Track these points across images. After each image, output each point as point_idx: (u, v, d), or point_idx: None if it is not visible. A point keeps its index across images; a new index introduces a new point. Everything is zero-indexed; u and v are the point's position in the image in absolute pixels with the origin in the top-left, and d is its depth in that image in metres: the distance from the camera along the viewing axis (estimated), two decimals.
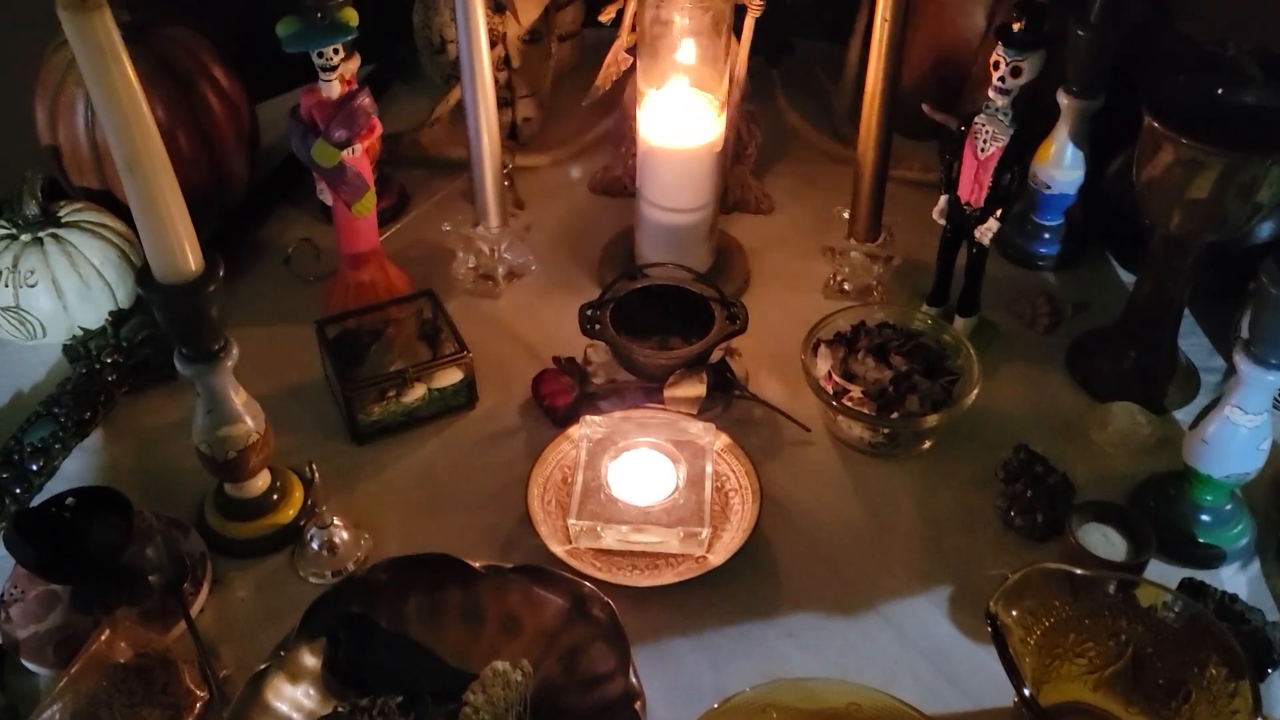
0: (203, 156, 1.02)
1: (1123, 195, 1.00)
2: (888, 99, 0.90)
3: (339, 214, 0.95)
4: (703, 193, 0.97)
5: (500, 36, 1.15)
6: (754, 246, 1.08)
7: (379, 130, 0.92)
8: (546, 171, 1.18)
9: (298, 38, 0.84)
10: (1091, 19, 0.94)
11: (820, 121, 1.22)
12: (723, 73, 0.93)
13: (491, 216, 0.99)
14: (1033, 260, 1.05)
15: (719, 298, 0.92)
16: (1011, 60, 0.82)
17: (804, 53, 1.30)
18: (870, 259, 1.00)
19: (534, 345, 0.98)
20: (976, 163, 0.87)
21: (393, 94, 1.30)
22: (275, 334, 0.98)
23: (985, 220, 0.89)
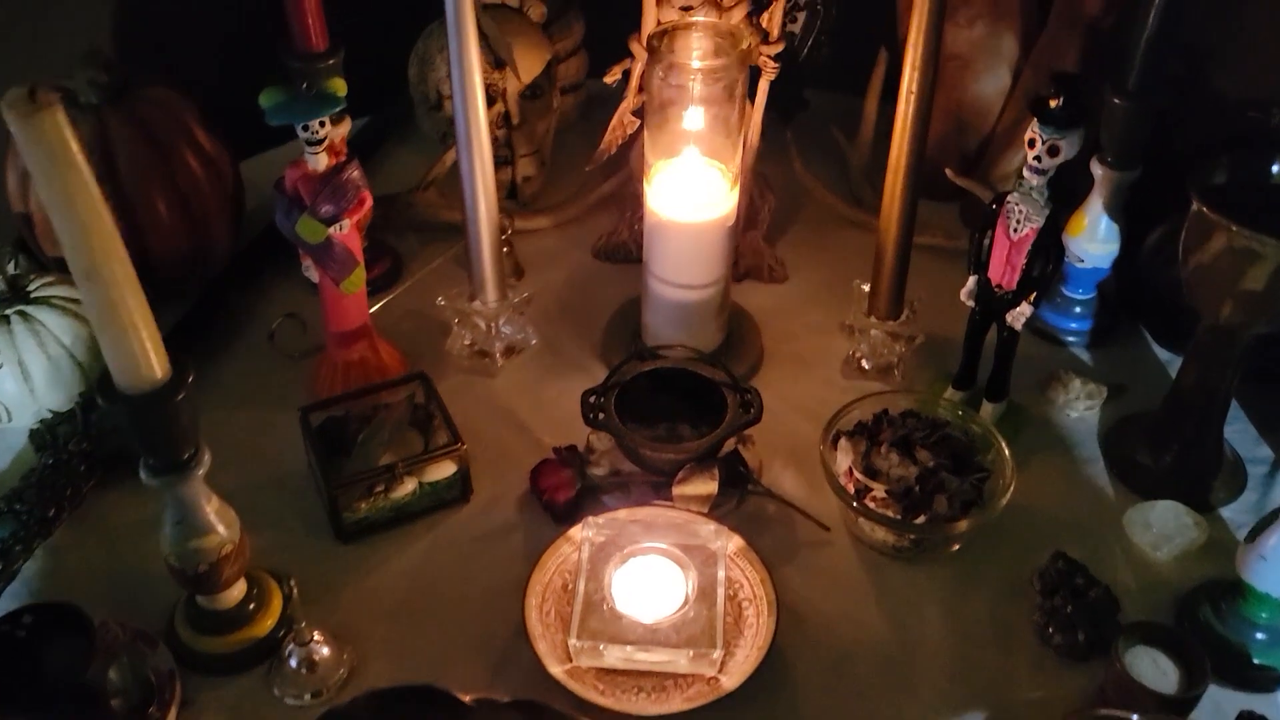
0: (182, 224, 0.97)
1: (1160, 270, 0.94)
2: (912, 175, 0.84)
3: (326, 291, 0.89)
4: (714, 269, 0.91)
5: (500, 92, 1.09)
6: (767, 320, 1.02)
7: (369, 204, 0.86)
8: (548, 235, 1.13)
9: (281, 110, 0.78)
10: (1129, 86, 0.88)
11: (835, 181, 1.17)
12: (736, 142, 0.87)
13: (489, 291, 0.93)
14: (1063, 336, 0.99)
15: (731, 382, 0.86)
16: (1048, 139, 0.76)
17: (818, 106, 1.24)
18: (892, 338, 0.94)
19: (533, 429, 0.92)
20: (1009, 244, 0.81)
21: (387, 150, 1.25)
22: (256, 417, 0.92)
23: (1018, 304, 0.83)
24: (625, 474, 0.85)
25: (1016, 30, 1.09)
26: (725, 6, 0.93)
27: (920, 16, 0.76)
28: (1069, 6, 1.00)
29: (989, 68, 1.11)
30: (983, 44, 1.10)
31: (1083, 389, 0.92)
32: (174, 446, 0.65)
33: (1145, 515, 0.83)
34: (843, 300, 0.99)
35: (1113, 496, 0.87)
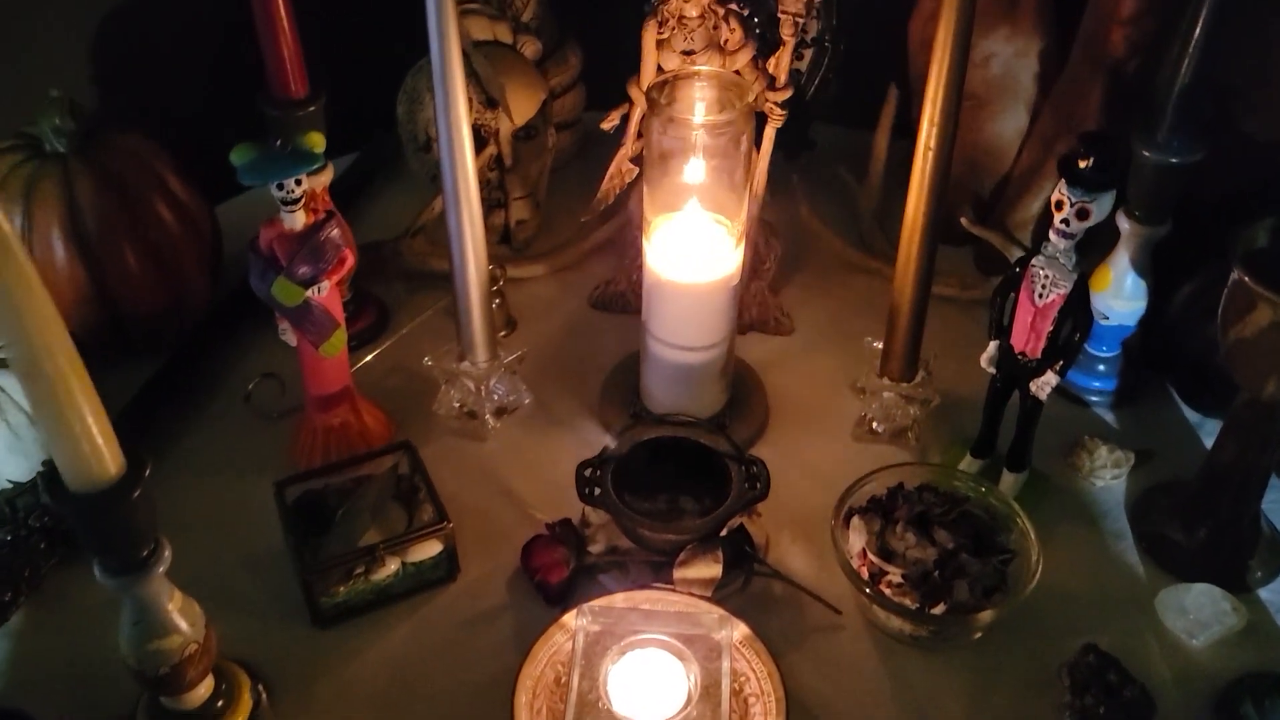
0: (154, 277, 0.91)
1: (1191, 329, 0.89)
2: (929, 234, 0.79)
3: (304, 354, 0.83)
4: (717, 330, 0.85)
5: (492, 133, 1.04)
6: (773, 375, 0.97)
7: (351, 263, 0.81)
8: (542, 282, 1.07)
9: (254, 169, 0.73)
10: (1159, 138, 0.82)
11: (843, 225, 1.11)
12: (741, 196, 0.82)
13: (478, 352, 0.88)
14: (1086, 396, 0.94)
15: (736, 454, 0.81)
16: (1078, 201, 0.71)
17: (824, 142, 1.19)
18: (906, 400, 0.88)
19: (525, 498, 0.87)
20: (1034, 310, 0.76)
21: (375, 189, 1.19)
22: (230, 485, 0.87)
23: (1043, 373, 0.78)
24: (623, 551, 0.80)
25: (1034, 69, 1.04)
26: (729, 50, 0.88)
27: (940, 71, 0.71)
28: (1091, 47, 0.95)
29: (1006, 108, 1.06)
30: (999, 83, 1.05)
31: (1109, 456, 0.87)
32: (130, 546, 0.60)
33: (1180, 599, 0.77)
34: (852, 353, 0.94)
35: (1143, 576, 0.81)
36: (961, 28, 0.69)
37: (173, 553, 0.62)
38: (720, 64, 0.88)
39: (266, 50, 0.85)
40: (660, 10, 0.86)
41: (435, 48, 0.75)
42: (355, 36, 1.20)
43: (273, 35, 0.84)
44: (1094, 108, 0.95)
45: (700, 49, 0.87)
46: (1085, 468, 0.87)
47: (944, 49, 0.70)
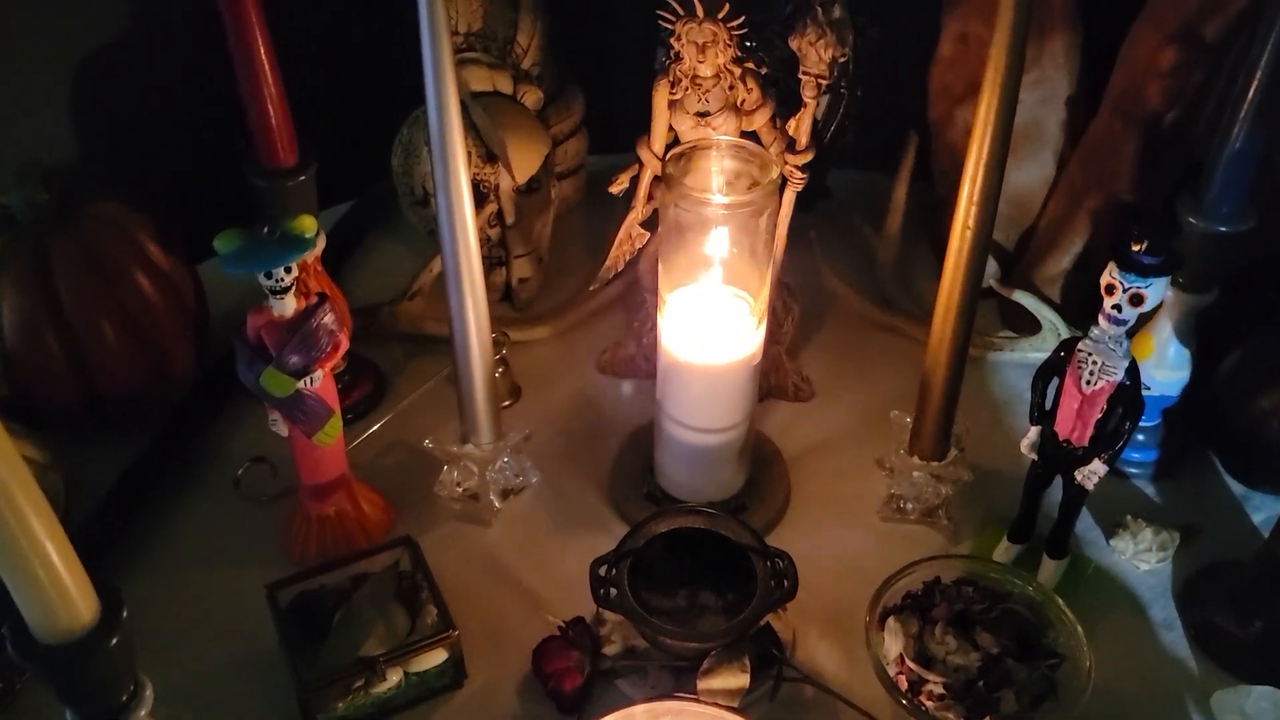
0: (135, 352, 0.86)
1: (1236, 400, 0.84)
2: (965, 316, 0.73)
3: (297, 443, 0.78)
4: (736, 411, 0.80)
5: (492, 188, 0.99)
6: (793, 447, 0.91)
7: (345, 347, 0.75)
8: (548, 344, 1.02)
9: (240, 257, 0.67)
10: (1206, 205, 0.77)
11: (862, 278, 1.06)
12: (764, 273, 0.77)
13: (482, 433, 0.83)
14: (1126, 468, 0.89)
15: (759, 547, 0.75)
16: (1131, 287, 0.66)
17: (841, 188, 1.14)
18: (937, 480, 0.83)
19: (535, 592, 0.81)
20: (1080, 397, 0.71)
21: (371, 242, 1.14)
22: (220, 580, 0.81)
23: (1089, 462, 0.73)
24: (642, 653, 0.75)
25: (1061, 116, 0.99)
26: (746, 111, 0.83)
27: (981, 147, 0.66)
28: (1126, 98, 0.90)
29: (1031, 155, 1.01)
30: (1023, 130, 0.99)
31: (1154, 539, 0.82)
32: (107, 694, 0.55)
33: (1239, 702, 0.72)
34: (876, 421, 0.89)
35: (1196, 672, 0.76)
36: (1005, 103, 0.64)
37: (159, 656, 0.57)
38: (737, 125, 0.83)
39: (253, 118, 0.79)
40: (672, 70, 0.81)
41: (433, 108, 0.69)
42: (348, 81, 1.14)
43: (259, 103, 0.78)
44: (1128, 162, 0.90)
45: (715, 110, 0.82)
46: (1129, 551, 0.82)
47: (985, 125, 0.65)
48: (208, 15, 0.77)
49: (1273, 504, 0.86)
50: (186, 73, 1.03)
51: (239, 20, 0.76)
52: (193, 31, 0.88)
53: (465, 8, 1.00)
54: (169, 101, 1.06)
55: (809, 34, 0.78)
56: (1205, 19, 0.82)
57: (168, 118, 1.06)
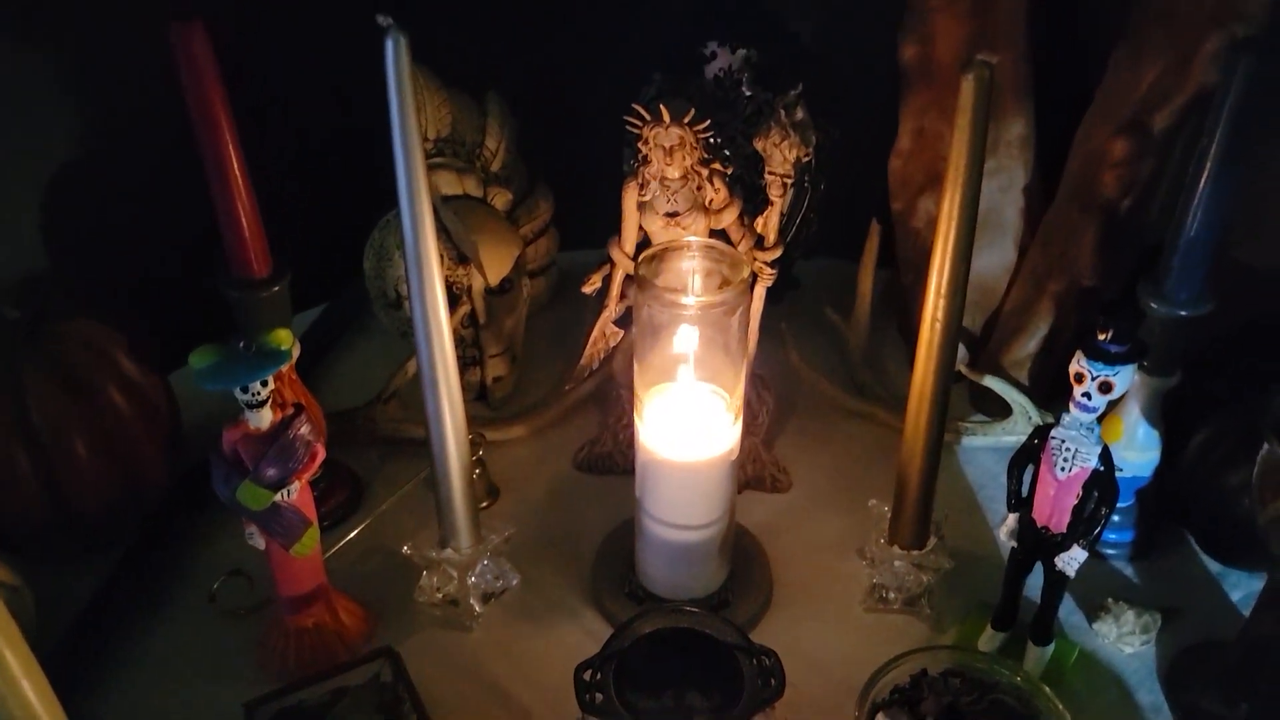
0: (107, 468, 0.85)
1: (1205, 479, 0.85)
2: (938, 406, 0.74)
3: (274, 554, 0.77)
4: (716, 507, 0.80)
5: (465, 289, 1.00)
6: (773, 539, 0.91)
7: (321, 457, 0.75)
8: (523, 443, 1.02)
9: (216, 373, 0.67)
10: (1166, 291, 0.79)
11: (833, 366, 1.07)
12: (737, 365, 0.77)
13: (461, 537, 0.82)
14: (1103, 549, 0.89)
15: (745, 645, 0.75)
16: (1099, 375, 0.67)
17: (808, 275, 1.16)
18: (918, 568, 0.84)
19: (518, 698, 0.80)
20: (1056, 483, 0.72)
21: (345, 342, 1.14)
22: (197, 696, 0.79)
23: (1068, 548, 0.73)
24: None
25: (1019, 204, 1.02)
26: (714, 210, 0.84)
27: (946, 243, 0.68)
28: (1081, 186, 0.93)
29: (992, 241, 1.03)
30: (984, 219, 1.01)
31: (1136, 621, 0.82)
32: None
33: None
34: (855, 509, 0.89)
35: None
36: (968, 199, 0.66)
37: None
38: (706, 224, 0.84)
39: (226, 230, 0.80)
40: (641, 172, 0.83)
41: (406, 212, 0.70)
42: (321, 185, 1.15)
43: (232, 215, 0.79)
44: (1087, 248, 0.93)
45: (684, 210, 0.83)
46: (1112, 634, 0.82)
47: (949, 220, 0.67)
48: (180, 126, 0.78)
49: (1249, 581, 0.86)
50: (159, 182, 1.04)
51: (212, 134, 0.77)
52: (165, 142, 0.89)
53: (434, 114, 1.01)
54: (142, 211, 1.07)
55: (773, 136, 0.80)
56: (1152, 111, 0.85)
57: (141, 227, 1.06)
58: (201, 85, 0.75)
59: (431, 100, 1.02)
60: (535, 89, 1.16)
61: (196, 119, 0.76)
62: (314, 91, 1.13)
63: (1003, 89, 0.98)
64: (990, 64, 0.61)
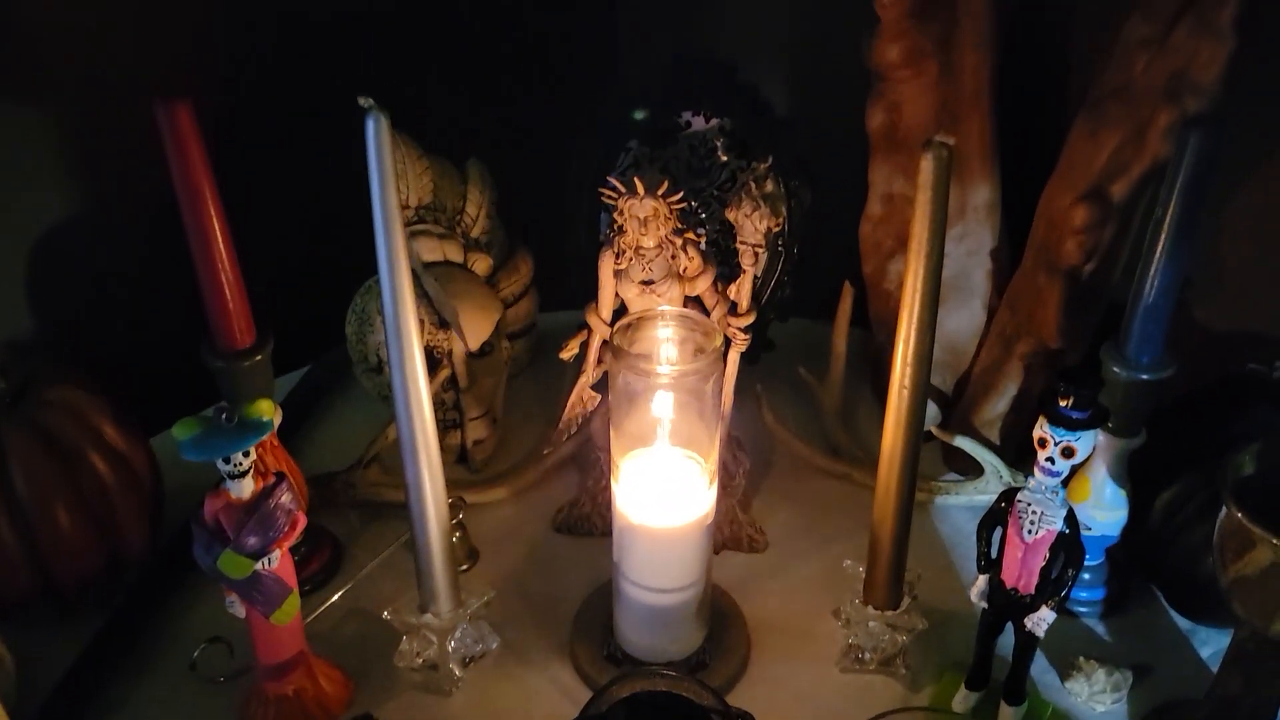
0: (90, 536, 0.86)
1: (1172, 537, 0.87)
2: (908, 469, 0.76)
3: (255, 622, 0.78)
4: (693, 570, 0.81)
5: (445, 353, 1.01)
6: (750, 599, 0.92)
7: (302, 525, 0.76)
8: (503, 506, 1.03)
9: (200, 444, 0.69)
10: (1128, 355, 0.81)
11: (808, 426, 1.09)
12: (712, 430, 0.79)
13: (441, 602, 0.83)
14: (1074, 607, 0.91)
15: (722, 709, 0.76)
16: (1061, 440, 0.69)
17: (782, 336, 1.18)
18: (892, 628, 0.85)
19: None
20: (1023, 546, 0.73)
21: (327, 404, 1.15)
22: None
23: (1037, 609, 0.75)
24: None
25: (987, 267, 1.05)
26: (689, 277, 0.87)
27: (912, 311, 0.70)
28: (1046, 250, 0.95)
29: (961, 305, 1.06)
30: (953, 282, 1.05)
31: (1108, 680, 0.83)
32: None
33: None
34: (831, 567, 0.91)
35: None
36: (930, 271, 0.68)
37: None
38: (680, 291, 0.86)
39: (209, 300, 0.81)
40: (616, 242, 0.85)
41: (386, 278, 0.72)
42: (303, 250, 1.17)
43: (216, 287, 0.81)
44: (1053, 311, 0.95)
45: (659, 278, 0.85)
46: (1084, 693, 0.83)
47: (913, 292, 0.69)
48: (166, 196, 0.79)
49: (1218, 638, 0.88)
50: (144, 251, 1.06)
51: (197, 209, 0.78)
52: (151, 211, 0.90)
53: (415, 182, 1.04)
54: (128, 278, 1.08)
55: (744, 207, 0.82)
56: (1112, 180, 0.88)
57: (126, 294, 1.08)
58: (187, 162, 0.76)
59: (413, 168, 1.04)
60: (515, 154, 1.19)
61: (182, 194, 0.78)
62: (298, 160, 1.15)
63: (969, 155, 1.01)
64: (949, 145, 0.63)
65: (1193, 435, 0.88)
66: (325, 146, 1.01)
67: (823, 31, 1.21)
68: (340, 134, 0.76)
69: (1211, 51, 0.80)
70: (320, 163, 1.11)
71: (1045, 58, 1.09)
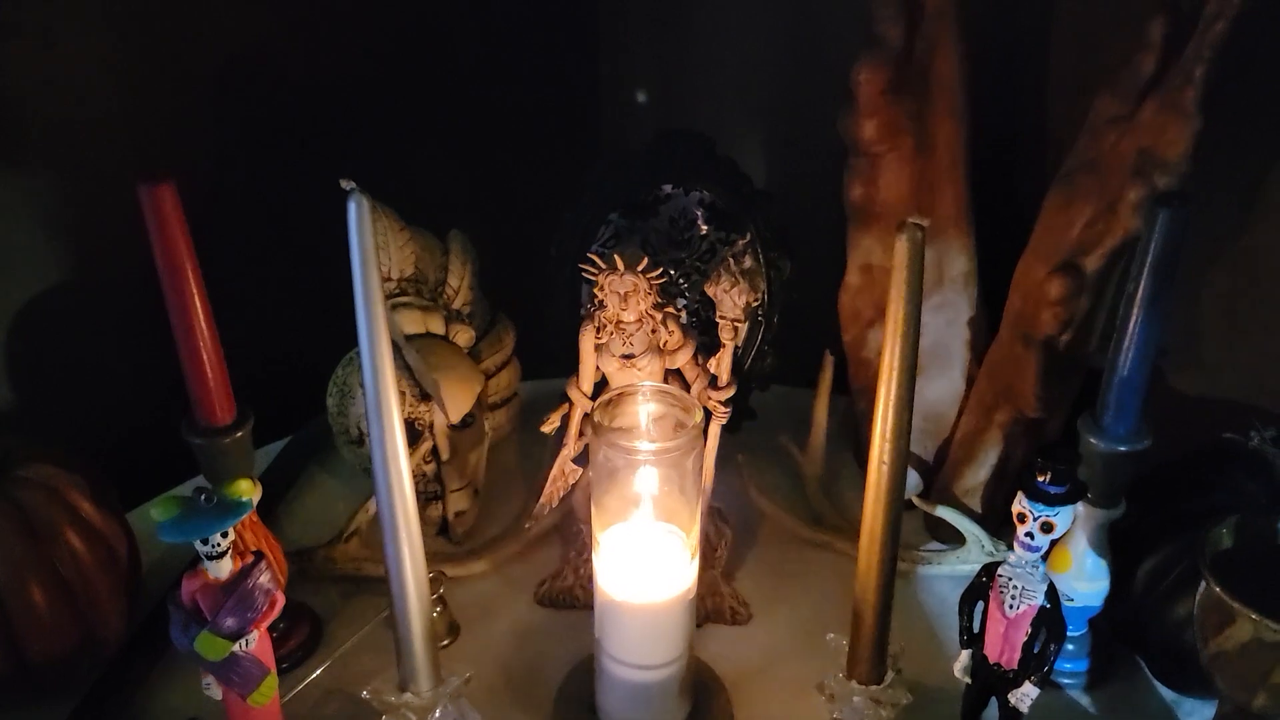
0: (65, 616, 0.84)
1: (1154, 609, 0.87)
2: (889, 543, 0.76)
3: (231, 704, 0.77)
4: (675, 646, 0.81)
5: (427, 425, 1.01)
6: (733, 674, 0.91)
7: (281, 605, 0.75)
8: (484, 579, 1.02)
9: (178, 525, 0.68)
10: (1105, 427, 0.82)
11: (791, 496, 1.09)
12: (694, 505, 0.79)
13: (421, 681, 0.82)
14: (1059, 679, 0.90)
15: None
16: (1040, 516, 0.69)
17: (764, 403, 1.18)
18: (876, 703, 0.84)
19: None
20: (1005, 621, 0.73)
21: (307, 478, 1.15)
22: None
23: (1020, 683, 0.74)
24: None
25: (965, 337, 1.06)
26: (669, 351, 0.87)
27: (889, 388, 0.70)
28: (1022, 321, 0.96)
29: (941, 374, 1.07)
30: (931, 351, 1.06)
31: None
32: None
33: None
34: (814, 642, 0.89)
35: None
36: (907, 349, 0.69)
37: None
38: (661, 365, 0.87)
39: (190, 379, 0.81)
40: (597, 316, 0.86)
41: (368, 368, 0.72)
42: (284, 319, 1.18)
43: (197, 365, 0.81)
44: (1030, 381, 0.96)
45: (639, 352, 0.86)
46: None
47: (890, 370, 0.70)
48: (147, 271, 0.79)
49: (1203, 709, 0.87)
50: (123, 326, 1.05)
51: (178, 288, 0.79)
52: (129, 287, 0.91)
53: (398, 255, 1.04)
54: (105, 354, 1.08)
55: (723, 283, 0.83)
56: (1084, 253, 0.89)
57: (104, 369, 1.07)
58: (169, 241, 0.77)
59: (395, 239, 1.05)
60: (497, 225, 1.20)
61: (164, 272, 0.78)
62: (280, 232, 1.16)
63: (946, 225, 1.03)
64: (923, 225, 0.64)
65: (1172, 504, 0.89)
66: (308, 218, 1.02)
67: (801, 105, 1.23)
68: (322, 207, 0.76)
69: (1178, 130, 0.82)
70: (302, 234, 1.12)
71: (1019, 128, 1.11)
